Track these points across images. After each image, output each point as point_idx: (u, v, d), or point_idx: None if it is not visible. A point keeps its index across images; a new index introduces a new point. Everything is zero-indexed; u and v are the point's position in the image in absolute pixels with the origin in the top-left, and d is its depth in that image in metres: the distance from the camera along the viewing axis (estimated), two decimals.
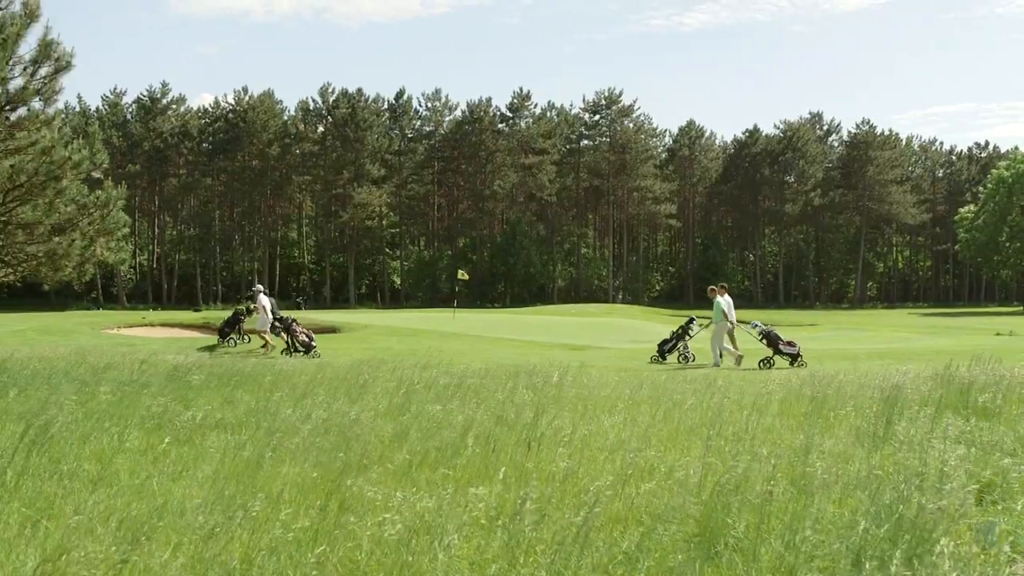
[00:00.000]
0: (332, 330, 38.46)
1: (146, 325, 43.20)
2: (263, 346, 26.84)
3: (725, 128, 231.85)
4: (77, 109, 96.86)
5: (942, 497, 5.86)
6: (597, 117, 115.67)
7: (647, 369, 20.81)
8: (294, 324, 26.31)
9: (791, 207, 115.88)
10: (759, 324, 23.58)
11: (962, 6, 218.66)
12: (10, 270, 17.94)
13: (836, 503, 6.34)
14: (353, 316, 51.55)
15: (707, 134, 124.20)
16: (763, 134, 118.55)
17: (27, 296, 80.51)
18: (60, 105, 17.32)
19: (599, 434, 9.15)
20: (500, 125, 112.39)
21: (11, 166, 15.62)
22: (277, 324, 26.93)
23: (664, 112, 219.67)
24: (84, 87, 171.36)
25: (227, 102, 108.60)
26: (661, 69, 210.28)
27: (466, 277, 54.25)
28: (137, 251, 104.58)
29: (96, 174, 17.57)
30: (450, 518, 5.60)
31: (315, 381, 14.09)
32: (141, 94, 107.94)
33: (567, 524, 5.65)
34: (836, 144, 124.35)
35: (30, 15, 15.86)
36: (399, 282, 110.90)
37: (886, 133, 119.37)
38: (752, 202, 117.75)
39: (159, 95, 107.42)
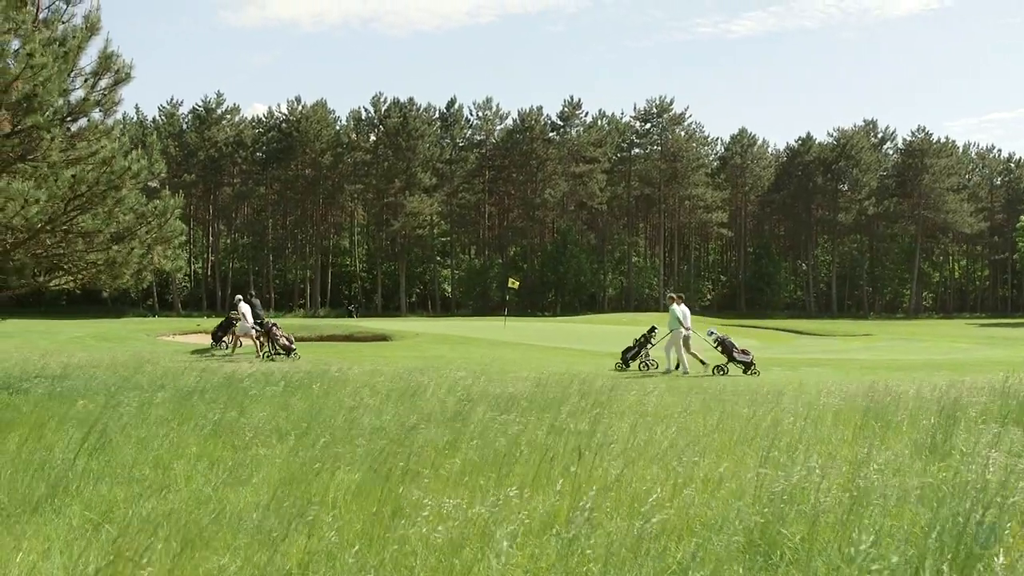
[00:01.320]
0: (383, 338, 38.71)
1: (200, 332, 43.77)
2: (260, 348, 27.72)
3: (777, 136, 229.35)
4: (135, 120, 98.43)
5: (1003, 511, 5.78)
6: (648, 125, 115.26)
7: (699, 378, 20.69)
8: (274, 328, 27.30)
9: (844, 216, 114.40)
10: (715, 332, 24.01)
11: (1018, 10, 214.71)
12: (71, 277, 18.25)
13: (893, 515, 6.26)
14: (404, 324, 51.84)
15: (759, 142, 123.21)
16: (816, 142, 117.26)
17: (84, 303, 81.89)
18: (119, 116, 17.55)
19: (652, 443, 9.13)
20: (551, 134, 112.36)
21: (72, 176, 15.87)
22: (257, 327, 28.04)
23: (715, 120, 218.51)
24: (141, 98, 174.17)
25: (280, 112, 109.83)
26: (710, 77, 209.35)
27: (516, 285, 54.15)
28: (192, 259, 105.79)
29: (153, 183, 17.81)
30: (503, 525, 5.61)
31: (368, 388, 14.19)
32: (196, 104, 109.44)
33: (621, 533, 5.65)
34: (891, 152, 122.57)
35: (91, 28, 16.13)
36: (450, 290, 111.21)
37: (942, 140, 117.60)
38: (805, 211, 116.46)
39: (214, 105, 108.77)
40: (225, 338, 30.37)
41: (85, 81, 16.32)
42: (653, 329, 25.50)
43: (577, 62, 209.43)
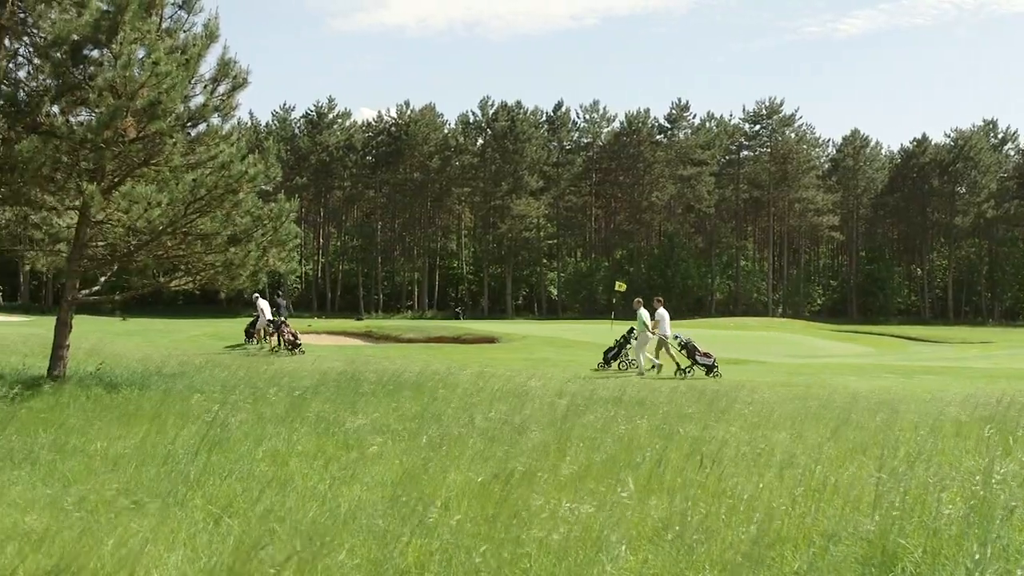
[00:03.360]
0: (491, 340, 38.89)
1: (311, 332, 44.61)
2: (276, 344, 30.28)
3: (891, 137, 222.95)
4: (249, 124, 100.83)
5: None
6: (757, 127, 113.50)
7: (812, 384, 20.29)
8: (283, 326, 30.32)
9: (962, 219, 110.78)
10: (679, 336, 24.65)
11: None
12: (190, 278, 18.78)
13: (1021, 530, 6.05)
14: (511, 327, 52.01)
15: (872, 143, 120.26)
16: (932, 143, 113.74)
17: (201, 302, 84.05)
18: (235, 121, 18.02)
19: (766, 450, 8.99)
20: (658, 136, 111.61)
21: (193, 180, 16.35)
22: (270, 325, 31.01)
23: (827, 121, 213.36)
24: (255, 104, 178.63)
25: (389, 116, 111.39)
26: (820, 77, 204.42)
27: (623, 288, 53.91)
28: (303, 261, 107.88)
29: (267, 187, 18.21)
30: (616, 530, 5.59)
31: (477, 390, 14.27)
32: (308, 109, 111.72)
33: (735, 541, 5.57)
34: (1012, 153, 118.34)
35: (210, 36, 16.60)
36: (556, 293, 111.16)
37: None
38: (920, 214, 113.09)
39: (325, 110, 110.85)
40: (255, 335, 33.12)
41: (205, 87, 16.81)
42: (632, 331, 26.12)
43: (684, 64, 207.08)
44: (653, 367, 24.31)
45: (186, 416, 11.13)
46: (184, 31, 16.89)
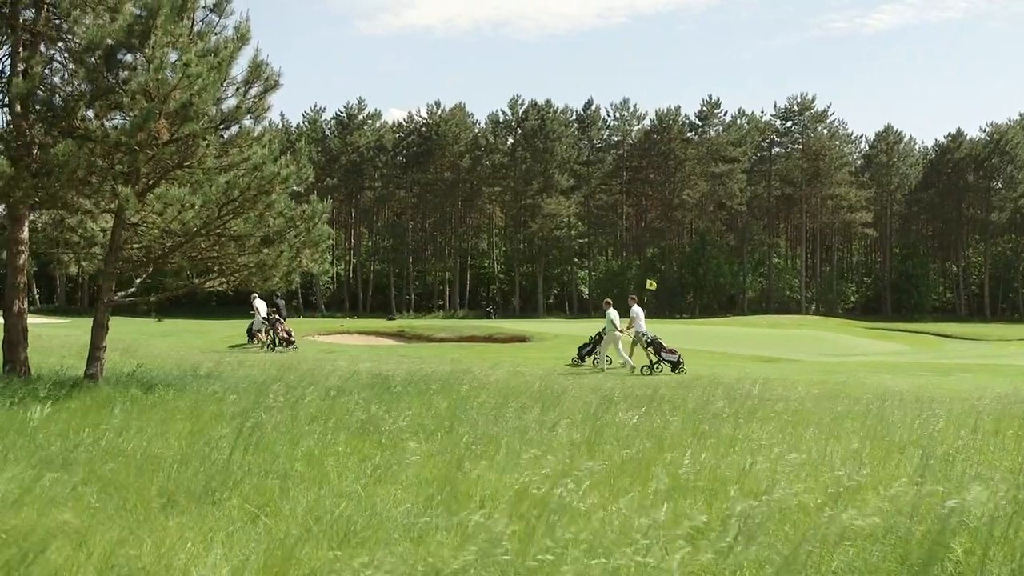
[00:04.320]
0: (522, 339, 38.92)
1: (344, 332, 44.83)
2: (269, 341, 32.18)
3: (925, 133, 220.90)
4: (280, 126, 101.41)
5: None
6: (789, 124, 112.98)
7: (847, 383, 20.16)
8: (278, 323, 32.33)
9: (998, 215, 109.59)
10: (647, 332, 25.41)
11: None
12: (224, 279, 18.90)
13: None
14: (542, 326, 52.02)
15: (906, 139, 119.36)
16: (967, 138, 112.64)
17: (234, 303, 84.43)
18: (267, 123, 18.13)
19: (801, 449, 8.94)
20: (689, 134, 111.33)
21: (226, 182, 16.44)
22: (265, 322, 32.97)
23: (859, 117, 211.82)
24: (285, 105, 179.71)
25: (420, 116, 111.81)
26: (850, 72, 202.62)
27: (654, 287, 53.73)
28: (334, 261, 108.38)
29: (299, 188, 18.30)
30: (652, 531, 5.57)
31: (510, 389, 14.29)
32: (339, 110, 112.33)
33: (772, 542, 5.54)
34: None
35: (241, 38, 16.68)
36: (587, 292, 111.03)
37: None
38: (955, 210, 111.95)
39: (356, 111, 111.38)
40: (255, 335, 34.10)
41: (237, 89, 16.90)
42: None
43: (713, 61, 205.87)
44: (624, 364, 25.23)
45: (221, 416, 11.21)
46: (215, 34, 16.97)
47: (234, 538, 5.98)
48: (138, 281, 18.46)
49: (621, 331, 25.73)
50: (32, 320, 18.57)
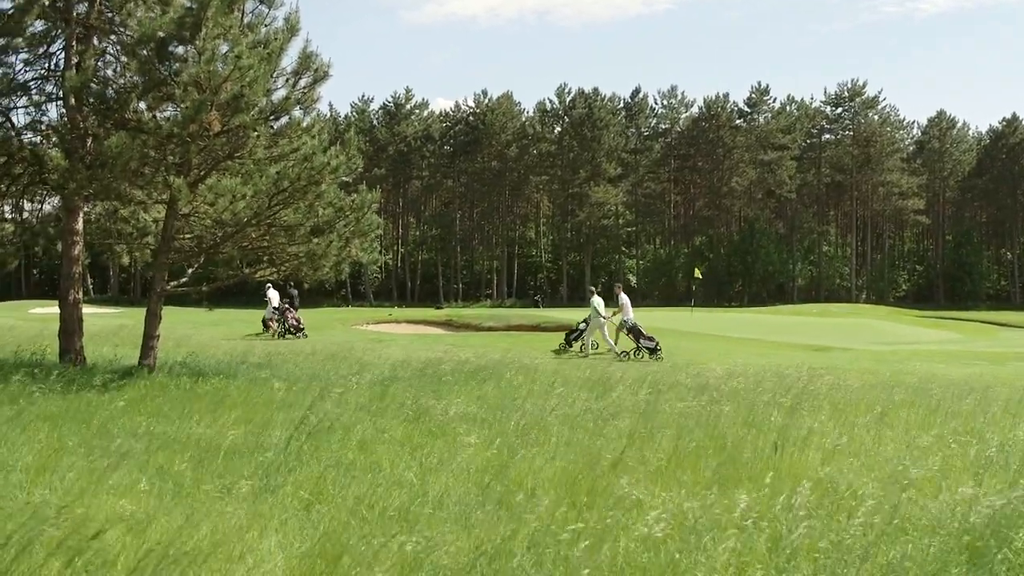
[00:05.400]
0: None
1: (392, 321, 45.04)
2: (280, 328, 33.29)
3: (980, 118, 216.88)
4: (328, 117, 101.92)
5: None
6: (839, 110, 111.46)
7: (900, 371, 19.91)
8: (288, 312, 33.62)
9: None
10: (628, 320, 26.13)
11: None
12: (274, 269, 19.11)
13: None
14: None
15: (959, 124, 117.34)
16: (1023, 122, 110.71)
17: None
18: (316, 114, 18.26)
19: (856, 438, 8.85)
20: (738, 121, 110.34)
21: (276, 172, 16.58)
22: (275, 311, 34.20)
23: (911, 103, 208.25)
24: (333, 96, 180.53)
25: (467, 105, 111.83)
26: (902, 57, 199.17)
27: (701, 275, 53.44)
28: (383, 251, 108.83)
29: (348, 178, 18.39)
30: (709, 520, 5.55)
31: (560, 377, 14.29)
32: (386, 100, 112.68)
33: (827, 531, 5.50)
34: None
35: (291, 30, 16.79)
36: (635, 280, 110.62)
37: None
38: (1010, 196, 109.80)
39: (403, 101, 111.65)
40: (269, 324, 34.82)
41: (286, 80, 17.03)
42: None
43: (762, 47, 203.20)
44: (610, 349, 25.91)
45: (272, 404, 11.33)
46: (265, 25, 17.10)
47: (288, 525, 6.05)
48: (190, 271, 18.66)
49: (606, 317, 26.49)
50: (86, 310, 18.86)
